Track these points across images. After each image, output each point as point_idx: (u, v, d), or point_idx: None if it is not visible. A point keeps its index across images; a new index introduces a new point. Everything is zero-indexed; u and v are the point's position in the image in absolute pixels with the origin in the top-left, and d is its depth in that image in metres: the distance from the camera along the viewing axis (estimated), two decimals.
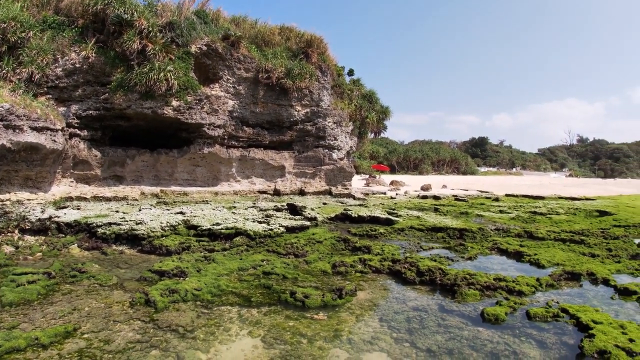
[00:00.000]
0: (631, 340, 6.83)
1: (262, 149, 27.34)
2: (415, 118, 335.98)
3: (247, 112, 26.38)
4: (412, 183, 48.67)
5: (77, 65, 20.47)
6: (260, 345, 6.44)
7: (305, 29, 30.12)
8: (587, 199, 34.75)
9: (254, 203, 21.44)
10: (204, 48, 23.93)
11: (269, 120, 27.48)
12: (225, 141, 25.60)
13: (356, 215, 18.09)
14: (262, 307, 8.00)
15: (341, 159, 30.50)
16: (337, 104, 30.69)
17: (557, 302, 8.81)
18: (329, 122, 29.32)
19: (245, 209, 18.93)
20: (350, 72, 35.28)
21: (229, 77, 25.33)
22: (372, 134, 38.51)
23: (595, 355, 6.46)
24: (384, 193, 33.59)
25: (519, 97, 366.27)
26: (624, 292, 9.69)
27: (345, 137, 31.21)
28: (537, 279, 10.18)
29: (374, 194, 32.70)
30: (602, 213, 24.00)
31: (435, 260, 11.71)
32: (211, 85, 24.78)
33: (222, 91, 25.04)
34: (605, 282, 10.53)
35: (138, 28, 20.99)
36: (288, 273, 10.08)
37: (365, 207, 22.22)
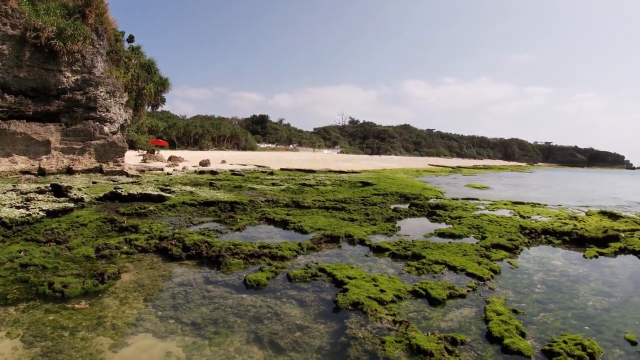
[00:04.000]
0: (382, 291, 8.07)
1: (24, 121, 23.63)
2: (200, 92, 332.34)
3: (9, 76, 22.61)
4: (191, 158, 48.97)
5: None
6: (20, 346, 6.13)
7: None
8: (353, 172, 40.18)
9: (15, 185, 18.81)
10: None
11: (34, 87, 23.90)
12: None
13: (126, 194, 17.86)
14: (19, 304, 7.54)
15: (114, 133, 28.29)
16: (112, 72, 28.34)
17: (317, 263, 9.97)
18: (101, 92, 26.76)
19: (4, 193, 16.73)
20: (130, 39, 33.17)
21: None
22: (150, 107, 36.95)
23: (350, 307, 7.40)
24: (162, 169, 33.11)
25: (300, 80, 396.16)
26: (378, 250, 11.48)
27: (119, 109, 29.07)
28: (299, 244, 11.37)
29: (150, 170, 31.69)
30: (365, 184, 28.09)
31: (203, 234, 12.21)
32: None
33: None
34: (362, 242, 12.34)
35: None
36: (48, 263, 9.56)
37: (138, 184, 21.74)
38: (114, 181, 23.24)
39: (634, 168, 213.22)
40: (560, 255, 12.73)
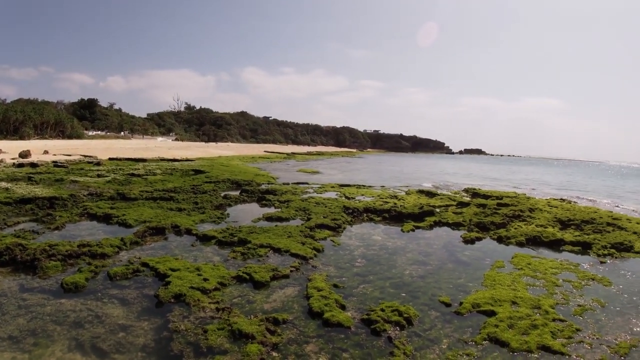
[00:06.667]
0: (205, 280, 7.93)
1: None
2: (24, 73, 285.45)
3: None
4: (10, 150, 42.93)
5: None
6: None
7: None
8: (187, 160, 39.12)
9: None
10: None
11: None
12: None
13: None
14: None
15: None
16: None
17: (139, 258, 9.42)
18: None
19: None
20: None
21: None
22: None
23: (172, 300, 7.17)
24: None
25: (136, 61, 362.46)
26: (204, 239, 11.29)
27: None
28: (122, 239, 10.65)
29: None
30: (198, 172, 27.62)
31: (18, 236, 10.82)
32: None
33: None
34: (189, 232, 12.00)
35: None
36: None
37: None
38: None
39: (452, 153, 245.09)
40: (381, 230, 13.77)
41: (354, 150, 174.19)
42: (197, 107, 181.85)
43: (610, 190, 38.90)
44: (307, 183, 25.96)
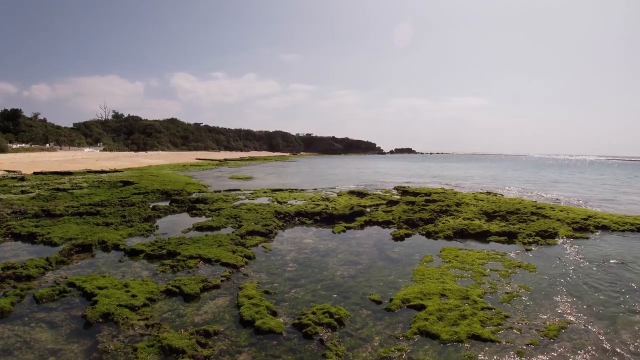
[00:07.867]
0: (134, 296, 7.69)
1: None
2: None
3: None
4: None
5: None
6: None
7: None
8: (115, 171, 37.88)
9: None
10: None
11: None
12: None
13: None
14: None
15: None
16: None
17: (66, 278, 9.02)
18: None
19: None
20: None
21: None
22: None
23: (100, 320, 6.91)
24: None
25: (61, 67, 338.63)
26: (132, 253, 10.93)
27: None
28: (47, 259, 10.16)
29: None
30: (126, 183, 26.83)
31: None
32: None
33: None
34: (116, 247, 11.61)
35: None
36: None
37: None
38: None
39: (384, 153, 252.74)
40: (312, 233, 13.90)
41: (287, 154, 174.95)
42: (126, 115, 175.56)
43: (534, 180, 41.26)
44: (239, 190, 25.79)
